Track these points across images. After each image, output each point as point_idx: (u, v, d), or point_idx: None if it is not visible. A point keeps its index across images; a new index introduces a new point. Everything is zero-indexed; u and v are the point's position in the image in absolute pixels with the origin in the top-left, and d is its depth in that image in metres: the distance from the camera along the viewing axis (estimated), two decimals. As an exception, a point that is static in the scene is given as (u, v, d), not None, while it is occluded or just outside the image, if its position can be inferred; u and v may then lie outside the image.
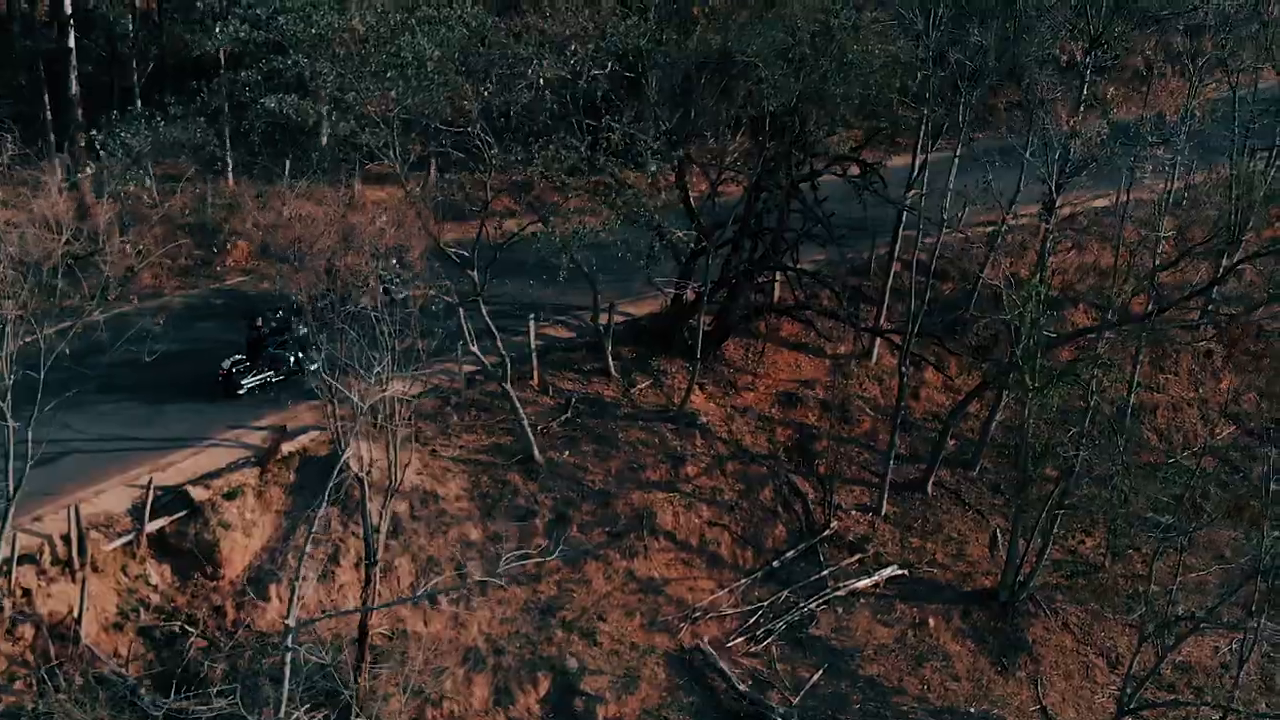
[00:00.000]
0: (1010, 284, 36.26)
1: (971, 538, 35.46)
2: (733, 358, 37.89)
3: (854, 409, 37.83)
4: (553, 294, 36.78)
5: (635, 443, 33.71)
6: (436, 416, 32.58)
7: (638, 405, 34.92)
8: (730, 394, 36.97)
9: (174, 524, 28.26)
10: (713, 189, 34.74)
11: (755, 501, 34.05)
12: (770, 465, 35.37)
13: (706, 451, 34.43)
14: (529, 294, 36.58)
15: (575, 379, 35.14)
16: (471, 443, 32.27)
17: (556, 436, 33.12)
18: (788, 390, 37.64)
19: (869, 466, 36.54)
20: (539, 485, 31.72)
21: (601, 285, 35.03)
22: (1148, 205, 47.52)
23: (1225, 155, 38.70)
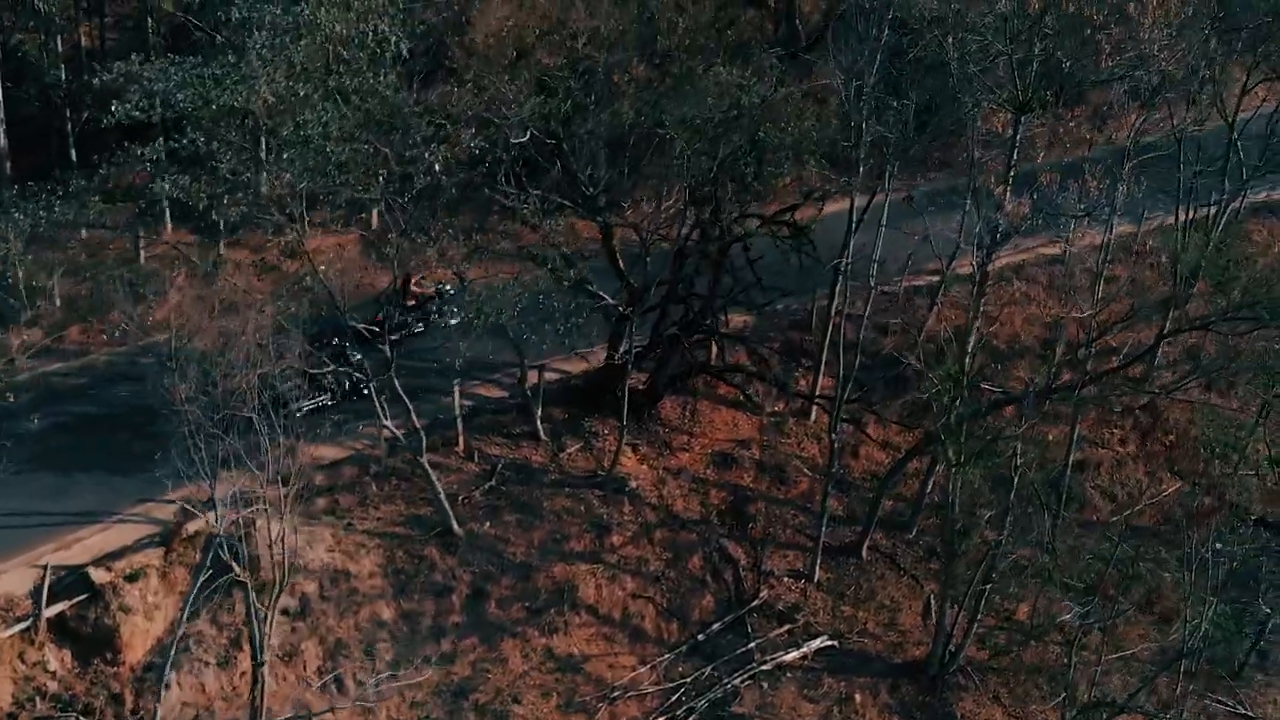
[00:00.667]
0: (952, 339, 35.61)
1: (905, 605, 34.52)
2: (669, 416, 36.95)
3: (791, 469, 36.90)
4: (491, 349, 35.93)
5: (560, 511, 32.78)
6: (356, 486, 31.68)
7: (566, 470, 33.98)
8: (665, 455, 36.03)
9: (74, 607, 27.36)
10: (644, 249, 33.80)
11: (683, 570, 33.13)
12: (701, 531, 34.45)
13: (634, 519, 33.50)
14: (463, 350, 35.72)
15: (503, 443, 34.19)
16: (390, 514, 31.34)
17: (479, 506, 32.19)
18: (724, 450, 36.69)
19: (804, 529, 35.61)
20: (458, 559, 30.80)
21: (538, 341, 34.23)
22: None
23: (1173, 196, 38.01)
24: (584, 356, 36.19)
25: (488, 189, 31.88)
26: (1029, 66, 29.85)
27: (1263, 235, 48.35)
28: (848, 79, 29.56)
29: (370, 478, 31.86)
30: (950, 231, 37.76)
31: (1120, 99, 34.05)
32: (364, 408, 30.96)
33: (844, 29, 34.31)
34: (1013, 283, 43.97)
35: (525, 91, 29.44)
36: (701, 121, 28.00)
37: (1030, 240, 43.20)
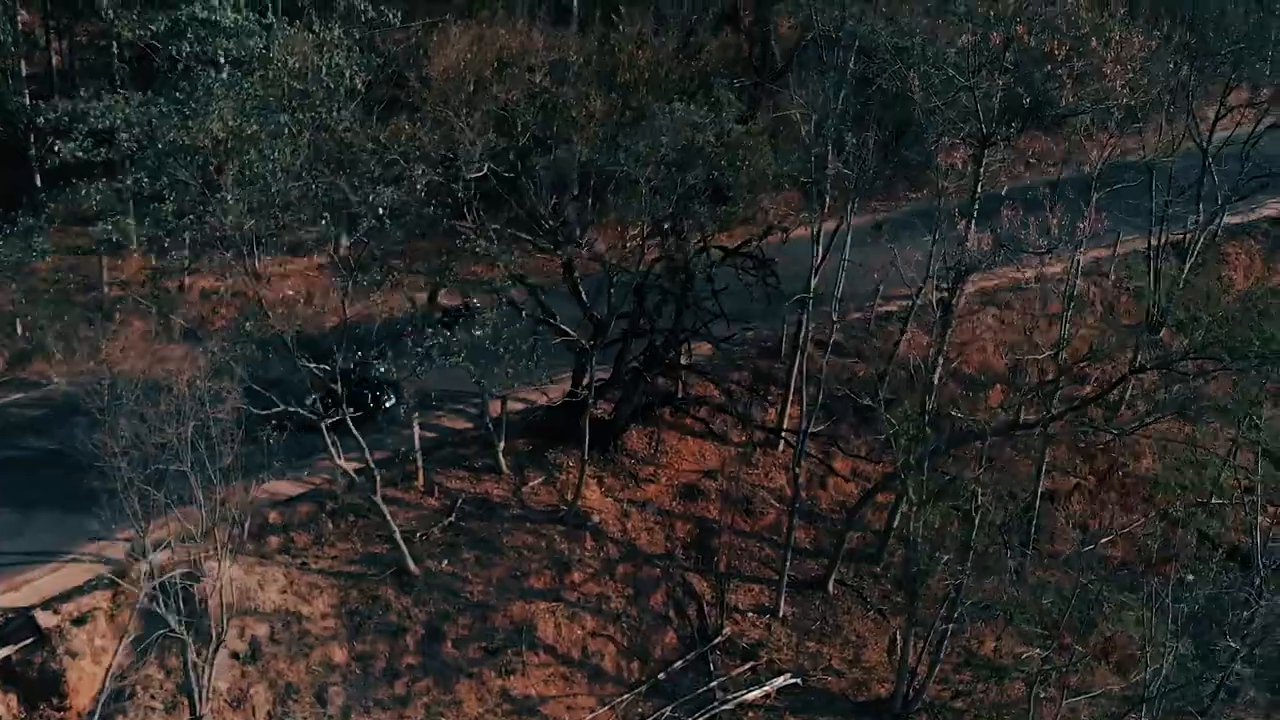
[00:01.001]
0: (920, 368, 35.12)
1: (870, 640, 34.01)
2: (635, 447, 36.44)
3: (758, 501, 36.40)
4: (459, 377, 35.37)
5: (521, 548, 32.27)
6: (311, 523, 31.18)
7: (528, 505, 33.47)
8: (630, 486, 35.52)
9: (20, 652, 26.87)
10: (609, 282, 33.29)
11: (645, 607, 32.62)
12: (665, 565, 33.95)
13: (596, 554, 33.01)
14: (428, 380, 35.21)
15: (465, 477, 33.68)
16: (346, 552, 30.82)
17: (437, 543, 31.67)
18: (690, 482, 36.18)
19: (771, 563, 35.11)
20: (413, 599, 30.28)
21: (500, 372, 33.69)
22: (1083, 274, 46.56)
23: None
24: (544, 391, 35.71)
25: (446, 221, 31.37)
26: (991, 100, 29.40)
27: (1240, 258, 47.94)
28: (808, 113, 29.09)
29: (326, 515, 31.37)
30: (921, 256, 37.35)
31: (1086, 129, 33.55)
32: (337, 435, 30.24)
33: (810, 58, 34.02)
34: (985, 308, 43.58)
35: (482, 126, 28.98)
36: (657, 159, 27.51)
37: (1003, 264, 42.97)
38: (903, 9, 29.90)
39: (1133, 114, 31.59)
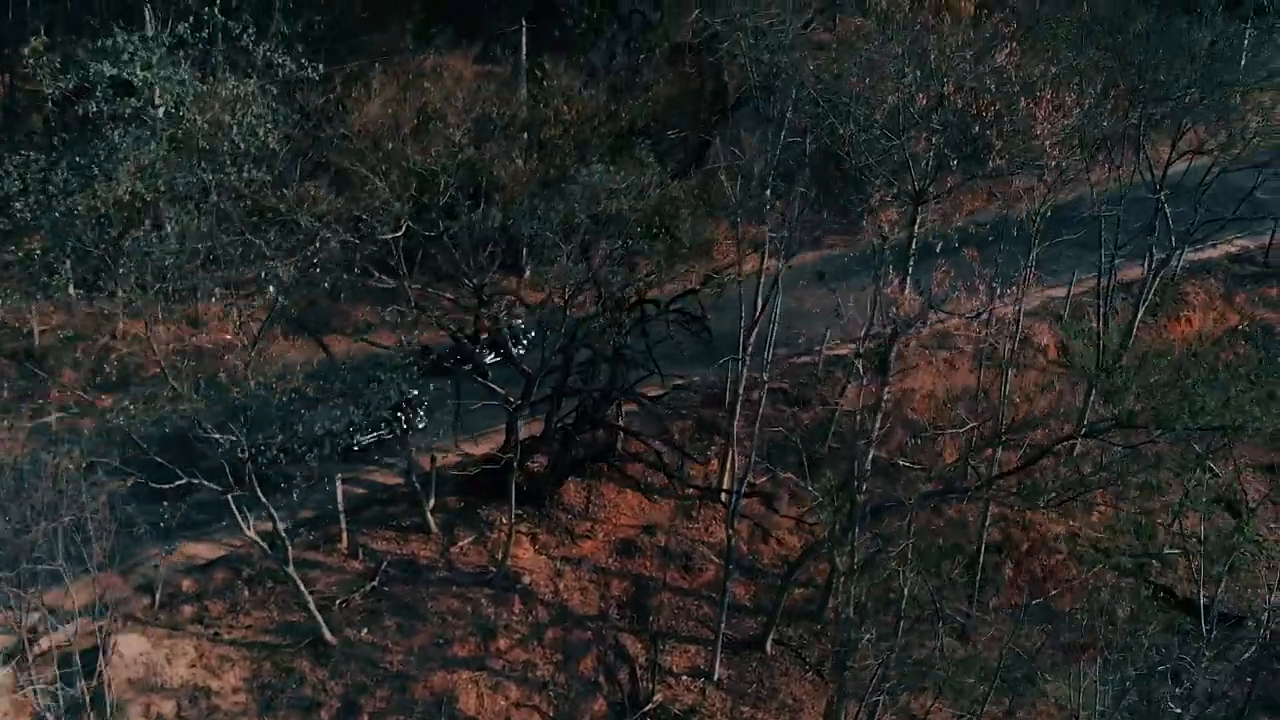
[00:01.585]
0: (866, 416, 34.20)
1: (808, 703, 33.00)
2: (573, 501, 35.48)
3: (697, 556, 35.44)
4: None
5: (445, 614, 31.30)
6: (227, 591, 30.25)
7: (456, 567, 32.51)
8: (565, 543, 34.57)
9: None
10: (541, 336, 32.37)
11: (574, 673, 31.63)
12: (598, 627, 32.98)
13: (524, 619, 32.03)
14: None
15: (391, 538, 32.72)
16: (261, 621, 29.86)
17: (358, 610, 30.70)
18: (627, 537, 35.23)
19: (708, 621, 34.13)
20: (330, 670, 29.28)
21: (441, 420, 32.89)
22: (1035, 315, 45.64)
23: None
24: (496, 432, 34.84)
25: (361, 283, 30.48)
26: (922, 160, 28.55)
27: (1200, 298, 47.02)
28: (736, 171, 28.22)
29: (243, 582, 30.41)
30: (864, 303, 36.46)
31: (1018, 189, 32.68)
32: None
33: (749, 109, 33.22)
34: (936, 351, 42.69)
35: (401, 185, 28.11)
36: (572, 226, 26.64)
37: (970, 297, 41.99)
38: (832, 67, 29.03)
39: (1065, 171, 30.66)
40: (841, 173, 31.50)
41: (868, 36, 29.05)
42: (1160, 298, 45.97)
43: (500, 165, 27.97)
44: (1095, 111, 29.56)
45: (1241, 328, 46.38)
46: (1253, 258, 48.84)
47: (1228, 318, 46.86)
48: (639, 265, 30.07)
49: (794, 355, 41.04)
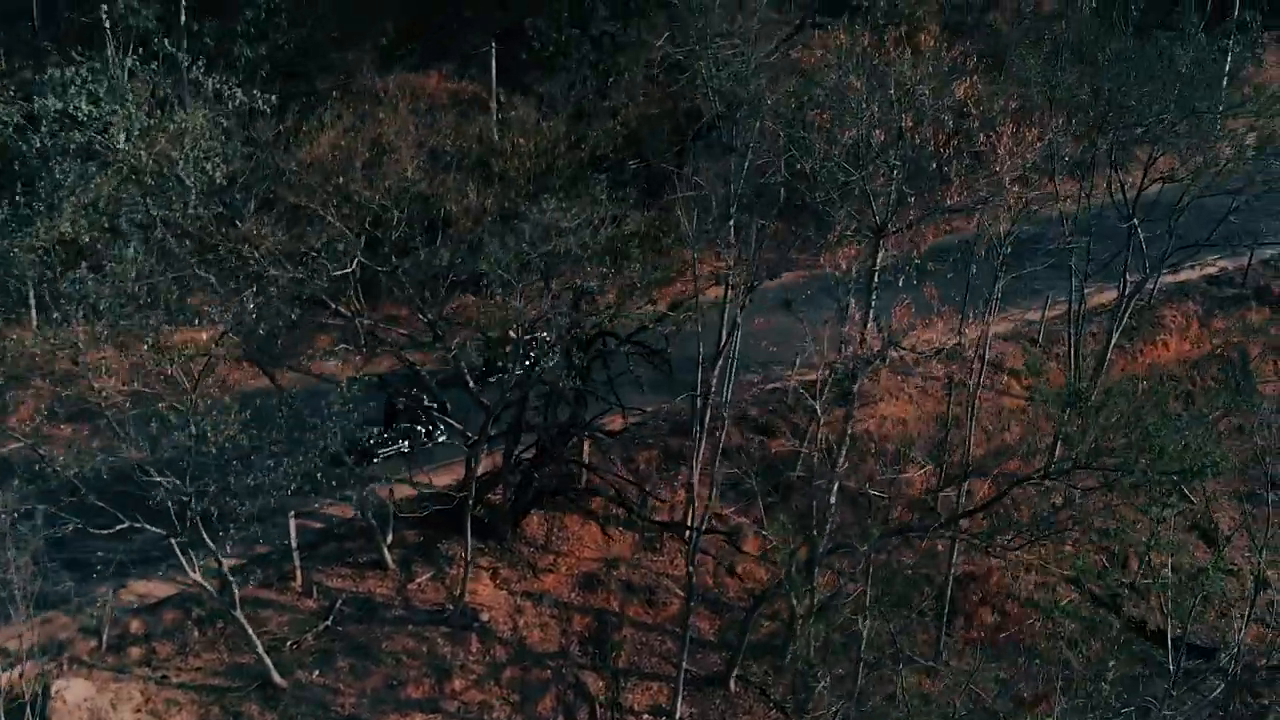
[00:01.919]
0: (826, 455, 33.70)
1: (772, 743, 32.63)
2: (536, 534, 34.91)
3: (661, 590, 34.86)
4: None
5: (400, 654, 30.72)
6: (176, 631, 29.67)
7: (412, 605, 31.91)
8: (527, 577, 33.99)
9: None
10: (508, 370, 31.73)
11: (532, 714, 30.97)
12: (558, 664, 32.41)
13: (481, 658, 31.46)
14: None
15: (347, 574, 32.12)
16: (211, 662, 29.25)
17: (310, 651, 30.09)
18: (591, 571, 34.66)
19: (672, 657, 33.50)
20: (279, 714, 28.63)
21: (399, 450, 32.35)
22: (1009, 338, 45.10)
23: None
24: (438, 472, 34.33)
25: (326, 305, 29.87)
26: (882, 195, 28.03)
27: (1177, 321, 46.52)
28: (690, 205, 27.71)
29: (193, 622, 29.83)
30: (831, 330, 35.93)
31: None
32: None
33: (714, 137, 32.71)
34: (908, 378, 42.15)
35: (355, 221, 27.59)
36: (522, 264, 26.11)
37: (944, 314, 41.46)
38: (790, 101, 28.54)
39: (1030, 205, 30.13)
40: (803, 206, 30.96)
41: (828, 68, 28.48)
42: (1137, 321, 45.53)
43: (453, 199, 27.40)
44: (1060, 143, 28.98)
45: (1219, 352, 45.96)
46: (1231, 279, 48.42)
47: (1205, 341, 46.41)
48: (596, 300, 29.49)
49: (764, 381, 40.61)
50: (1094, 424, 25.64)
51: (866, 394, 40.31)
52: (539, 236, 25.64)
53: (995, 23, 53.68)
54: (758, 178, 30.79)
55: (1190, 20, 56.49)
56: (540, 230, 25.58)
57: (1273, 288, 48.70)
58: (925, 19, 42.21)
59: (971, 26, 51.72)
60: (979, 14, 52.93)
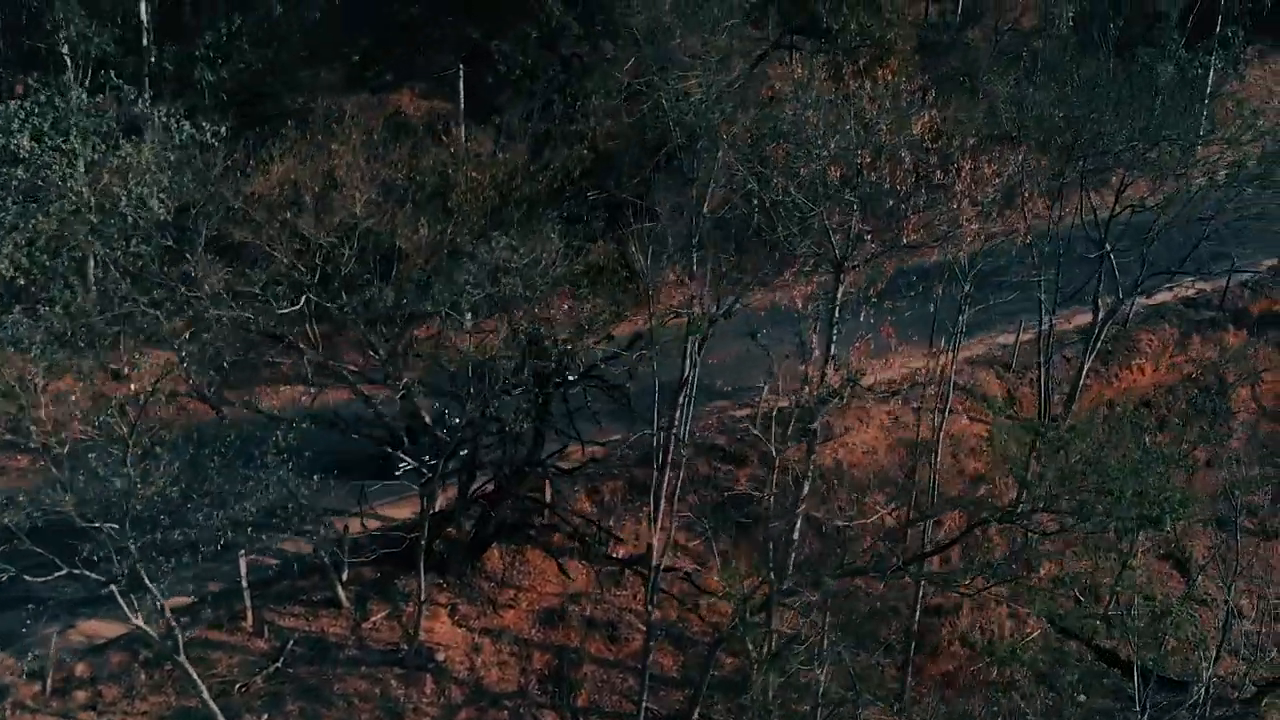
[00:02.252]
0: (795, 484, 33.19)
1: (732, 784, 32.10)
2: (496, 568, 34.34)
3: (624, 626, 34.29)
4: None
5: (352, 696, 30.11)
6: (123, 674, 29.09)
7: (367, 645, 31.37)
8: (487, 613, 33.39)
9: None
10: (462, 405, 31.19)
11: (487, 756, 30.67)
12: (516, 704, 31.83)
13: (436, 700, 30.86)
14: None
15: (300, 613, 31.51)
16: (158, 706, 28.56)
17: (260, 694, 29.47)
18: (552, 606, 34.12)
19: (634, 695, 32.95)
20: (226, 760, 28.26)
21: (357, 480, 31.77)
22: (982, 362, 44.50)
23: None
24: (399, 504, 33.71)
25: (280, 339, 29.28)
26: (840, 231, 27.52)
27: (1153, 345, 46.02)
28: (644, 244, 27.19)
29: (139, 664, 29.22)
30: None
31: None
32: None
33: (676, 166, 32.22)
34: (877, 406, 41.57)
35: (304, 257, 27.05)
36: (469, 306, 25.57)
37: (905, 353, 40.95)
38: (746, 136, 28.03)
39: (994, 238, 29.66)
40: (764, 238, 30.45)
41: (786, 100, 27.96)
42: (1112, 345, 45.04)
43: (404, 236, 26.85)
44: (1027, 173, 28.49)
45: (1195, 376, 45.48)
46: (1209, 301, 47.91)
47: (1182, 365, 45.93)
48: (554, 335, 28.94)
49: (731, 409, 40.11)
50: (1051, 468, 25.12)
51: (835, 422, 39.89)
52: (486, 277, 25.07)
53: (972, 40, 53.16)
54: (719, 210, 30.24)
55: (1171, 36, 56.44)
56: (488, 271, 25.00)
57: (1251, 309, 48.28)
58: (897, 41, 41.61)
59: (947, 45, 51.16)
60: (955, 32, 52.37)
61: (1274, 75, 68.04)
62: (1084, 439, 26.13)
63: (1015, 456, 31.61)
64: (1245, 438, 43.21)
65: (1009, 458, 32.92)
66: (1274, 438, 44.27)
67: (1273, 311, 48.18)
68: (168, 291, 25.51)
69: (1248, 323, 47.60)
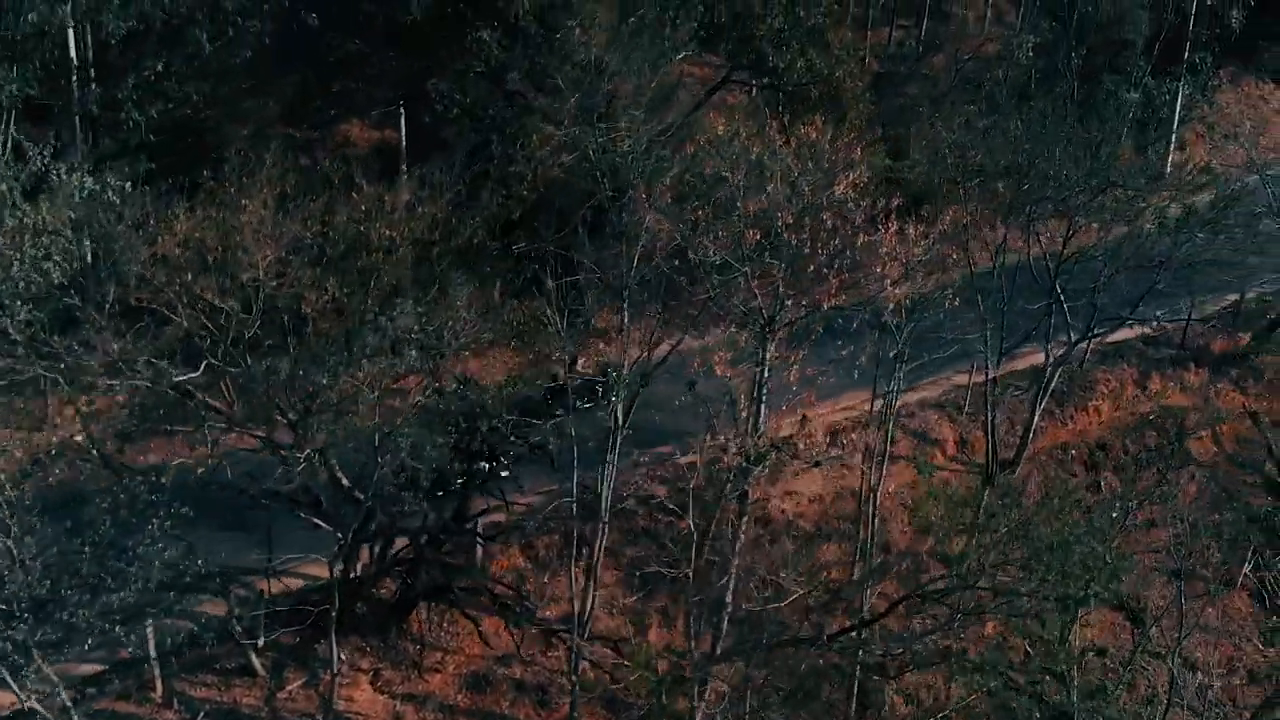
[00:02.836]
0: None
1: None
2: (422, 631, 33.20)
3: (554, 690, 33.21)
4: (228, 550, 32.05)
5: (263, 771, 29.27)
6: (22, 752, 28.03)
7: (281, 716, 30.33)
8: (411, 678, 32.31)
9: None
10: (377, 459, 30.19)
11: (404, 833, 29.61)
12: (438, 774, 30.96)
13: (352, 773, 30.00)
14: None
15: (213, 682, 30.36)
16: (57, 786, 27.71)
17: (165, 772, 28.64)
18: (480, 670, 33.10)
19: (563, 762, 32.14)
20: (125, 843, 27.23)
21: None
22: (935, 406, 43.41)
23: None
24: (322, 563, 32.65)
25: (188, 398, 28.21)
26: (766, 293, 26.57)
27: (1111, 385, 45.09)
28: (559, 305, 26.19)
29: (40, 743, 28.20)
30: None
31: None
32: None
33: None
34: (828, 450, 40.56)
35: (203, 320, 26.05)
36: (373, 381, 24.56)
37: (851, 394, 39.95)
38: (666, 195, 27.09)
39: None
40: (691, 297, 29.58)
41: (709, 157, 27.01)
42: (1068, 385, 44.13)
43: (308, 299, 25.82)
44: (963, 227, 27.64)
45: (1153, 418, 44.56)
46: (1169, 339, 47.00)
47: (1140, 405, 44.99)
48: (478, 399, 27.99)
49: (675, 453, 39.13)
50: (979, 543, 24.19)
51: (780, 471, 38.91)
52: (389, 347, 24.07)
53: (931, 71, 52.30)
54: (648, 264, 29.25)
55: (1138, 64, 55.62)
56: (389, 341, 24.01)
57: (1213, 347, 47.39)
58: (845, 79, 40.69)
59: (905, 76, 50.28)
60: (915, 61, 51.49)
61: (1247, 98, 67.24)
62: (1014, 509, 25.14)
63: (938, 525, 30.70)
64: (1201, 485, 42.28)
65: (932, 528, 31.95)
66: (1233, 481, 43.31)
67: (1236, 350, 47.31)
68: (50, 368, 24.50)
69: (1209, 360, 46.73)
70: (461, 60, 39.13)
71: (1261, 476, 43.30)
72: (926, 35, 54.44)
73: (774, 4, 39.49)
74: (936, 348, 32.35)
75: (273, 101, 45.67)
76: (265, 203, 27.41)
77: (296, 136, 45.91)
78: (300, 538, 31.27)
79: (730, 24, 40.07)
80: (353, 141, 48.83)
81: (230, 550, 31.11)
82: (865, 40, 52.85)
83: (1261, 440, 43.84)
